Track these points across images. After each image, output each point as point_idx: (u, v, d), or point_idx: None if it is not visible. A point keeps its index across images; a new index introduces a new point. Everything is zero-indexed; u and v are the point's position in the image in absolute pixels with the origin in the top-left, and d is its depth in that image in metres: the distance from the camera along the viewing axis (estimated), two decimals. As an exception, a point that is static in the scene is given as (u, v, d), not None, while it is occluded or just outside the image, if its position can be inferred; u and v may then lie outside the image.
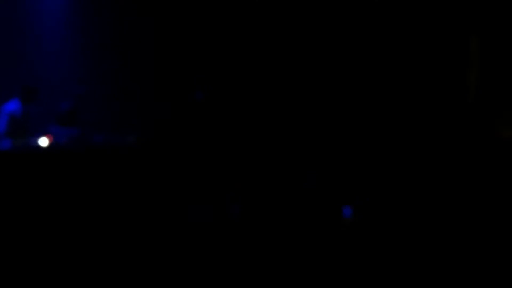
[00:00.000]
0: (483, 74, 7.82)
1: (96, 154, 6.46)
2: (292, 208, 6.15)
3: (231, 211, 6.07)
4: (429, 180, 6.77)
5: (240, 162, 6.78)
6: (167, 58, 8.95)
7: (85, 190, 6.03)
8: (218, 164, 6.64)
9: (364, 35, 8.12)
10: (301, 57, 8.35)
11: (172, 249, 5.31)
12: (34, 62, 8.83)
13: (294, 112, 8.07)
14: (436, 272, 4.82)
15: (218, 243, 5.43)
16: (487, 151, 7.11)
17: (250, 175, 6.65)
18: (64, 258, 5.06)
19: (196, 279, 4.75)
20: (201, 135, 7.24)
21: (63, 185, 6.06)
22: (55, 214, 5.85)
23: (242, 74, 8.53)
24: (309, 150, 7.26)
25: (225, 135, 7.32)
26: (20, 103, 7.66)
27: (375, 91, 8.01)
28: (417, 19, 7.92)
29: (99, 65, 8.92)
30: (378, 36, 8.08)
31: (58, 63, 8.97)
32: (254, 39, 8.55)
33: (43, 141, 6.95)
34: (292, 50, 8.37)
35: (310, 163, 6.99)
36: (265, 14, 8.51)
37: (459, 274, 4.77)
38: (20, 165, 6.25)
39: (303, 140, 7.51)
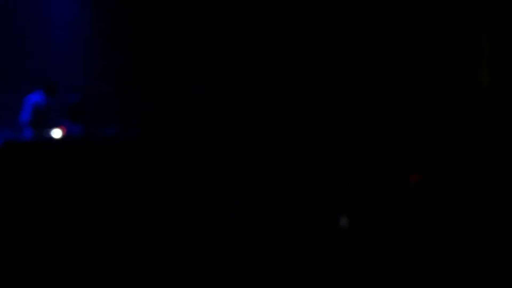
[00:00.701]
0: (496, 74, 7.76)
1: (94, 150, 6.52)
2: (291, 207, 6.16)
3: (230, 210, 6.11)
4: (443, 179, 6.73)
5: (240, 161, 6.81)
6: (168, 56, 8.98)
7: (82, 187, 6.06)
8: (217, 163, 6.68)
9: (376, 35, 8.08)
10: (302, 56, 8.31)
11: (171, 247, 5.33)
12: (40, 60, 9.00)
13: (293, 111, 8.07)
14: (436, 272, 4.81)
15: (217, 242, 5.46)
16: (502, 150, 7.06)
17: (249, 174, 6.68)
18: (62, 256, 5.14)
19: (195, 278, 4.78)
20: (201, 133, 7.30)
21: (57, 179, 6.11)
22: (50, 212, 5.90)
23: (241, 73, 8.52)
24: (308, 149, 7.27)
25: (224, 133, 7.37)
26: (44, 95, 7.89)
27: (387, 92, 7.98)
28: (429, 19, 7.86)
29: (104, 62, 9.04)
30: (389, 37, 8.03)
31: (61, 62, 9.12)
32: (255, 37, 8.51)
33: (57, 133, 7.12)
34: (292, 49, 8.33)
35: (310, 162, 7.00)
36: (265, 11, 8.49)
37: (460, 275, 4.77)
38: (29, 156, 6.34)
39: (303, 139, 7.52)
